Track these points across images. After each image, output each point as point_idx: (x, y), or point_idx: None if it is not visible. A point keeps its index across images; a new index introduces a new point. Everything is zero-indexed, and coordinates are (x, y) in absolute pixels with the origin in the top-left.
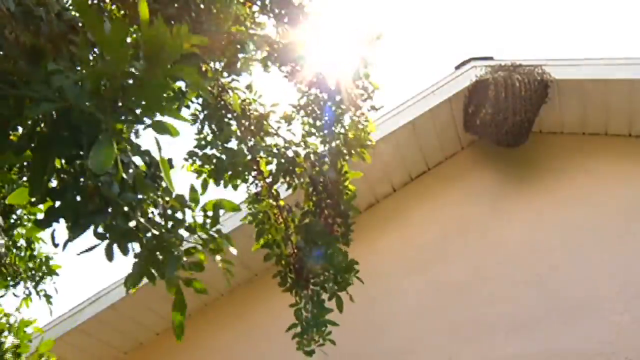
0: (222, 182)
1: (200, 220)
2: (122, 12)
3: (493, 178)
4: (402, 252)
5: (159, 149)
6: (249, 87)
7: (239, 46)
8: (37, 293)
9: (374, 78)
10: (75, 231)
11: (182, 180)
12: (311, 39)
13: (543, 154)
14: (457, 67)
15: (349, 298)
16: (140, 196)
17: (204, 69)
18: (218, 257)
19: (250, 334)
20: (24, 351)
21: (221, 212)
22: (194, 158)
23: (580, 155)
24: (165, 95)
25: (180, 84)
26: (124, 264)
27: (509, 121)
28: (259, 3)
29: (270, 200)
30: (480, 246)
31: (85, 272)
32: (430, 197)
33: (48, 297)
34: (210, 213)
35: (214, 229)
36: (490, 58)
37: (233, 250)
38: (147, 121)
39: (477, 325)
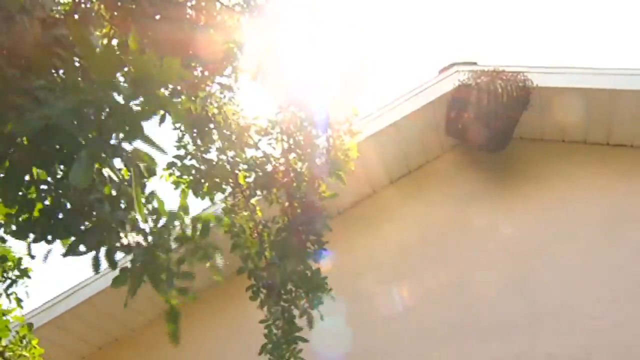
0: (200, 193)
1: (189, 231)
2: (110, 17)
3: (473, 182)
4: (380, 253)
5: (136, 178)
6: (232, 98)
7: (227, 54)
8: (8, 296)
9: (353, 99)
10: (68, 252)
11: (161, 189)
12: (296, 55)
13: (523, 160)
14: (441, 71)
15: (320, 317)
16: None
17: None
18: (207, 265)
19: (228, 331)
20: (4, 336)
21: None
22: (173, 169)
23: (560, 163)
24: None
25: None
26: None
27: (490, 126)
28: (247, 16)
29: (246, 213)
30: (459, 250)
31: (60, 266)
32: (410, 200)
33: (19, 301)
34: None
35: (203, 241)
36: (474, 63)
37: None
38: (127, 147)
39: (453, 328)
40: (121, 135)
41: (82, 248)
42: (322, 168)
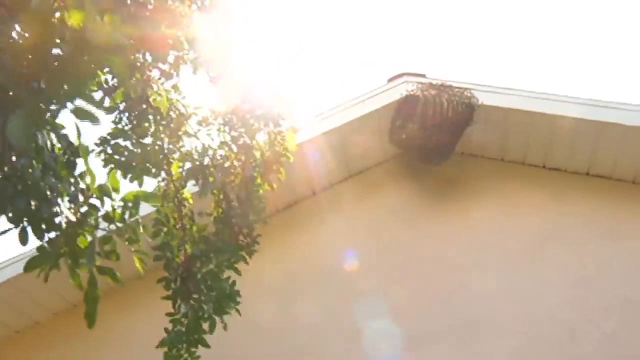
0: (129, 175)
1: (119, 210)
2: None
3: (412, 193)
4: (314, 255)
5: (79, 135)
6: (174, 86)
7: (171, 42)
8: None
9: (297, 98)
10: None
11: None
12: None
13: (462, 175)
14: (390, 80)
15: (223, 327)
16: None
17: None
18: (133, 248)
19: (150, 320)
20: None
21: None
22: (106, 146)
23: (498, 181)
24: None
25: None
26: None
27: (433, 139)
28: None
29: (173, 204)
30: (391, 258)
31: None
32: (348, 205)
33: None
34: (129, 204)
35: (132, 219)
36: (423, 75)
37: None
38: (69, 105)
39: (379, 335)
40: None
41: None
42: (260, 163)
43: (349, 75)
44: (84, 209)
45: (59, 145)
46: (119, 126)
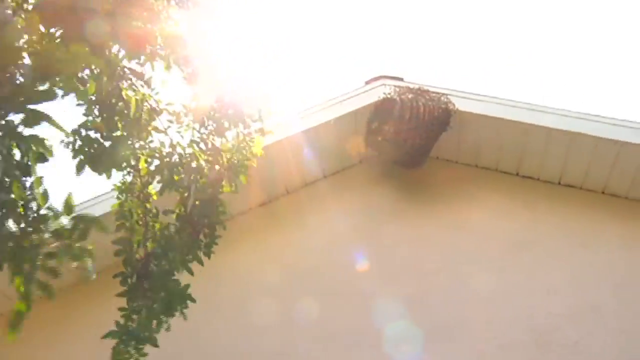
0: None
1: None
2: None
3: (385, 195)
4: (285, 255)
5: (34, 160)
6: (147, 81)
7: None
8: None
9: (271, 100)
10: None
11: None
12: (217, 47)
13: (436, 180)
14: (368, 82)
15: (166, 328)
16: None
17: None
18: (74, 264)
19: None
20: None
21: (96, 193)
22: (76, 137)
23: (471, 186)
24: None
25: None
26: None
27: (408, 143)
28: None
29: (138, 200)
30: (363, 260)
31: None
32: (320, 205)
33: None
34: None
35: (77, 244)
36: (401, 79)
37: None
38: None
39: (348, 336)
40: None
41: None
42: (226, 165)
43: (326, 76)
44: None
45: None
46: (90, 118)
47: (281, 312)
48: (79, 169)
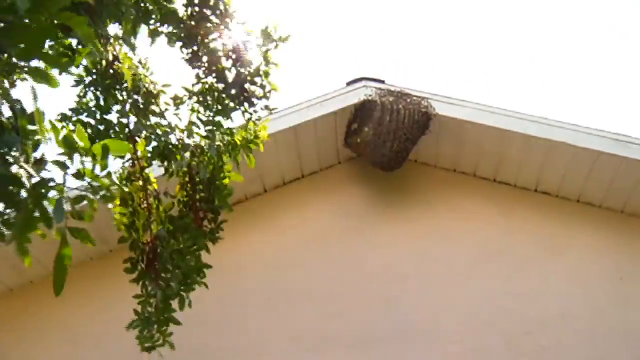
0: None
1: (88, 165)
2: None
3: (363, 197)
4: (261, 253)
5: (35, 98)
6: (142, 62)
7: (141, 15)
8: None
9: (274, 78)
10: None
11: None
12: (218, 28)
13: (414, 183)
14: (349, 84)
15: (188, 304)
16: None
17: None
18: (110, 205)
19: (94, 311)
20: None
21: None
22: (67, 122)
23: (448, 191)
24: (51, 44)
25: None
26: None
27: (387, 145)
28: None
29: (140, 183)
30: (338, 261)
31: None
32: (298, 205)
33: None
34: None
35: (103, 172)
36: (382, 81)
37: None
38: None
39: (322, 336)
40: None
41: None
42: (230, 147)
43: (307, 76)
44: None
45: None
46: (84, 100)
47: (254, 310)
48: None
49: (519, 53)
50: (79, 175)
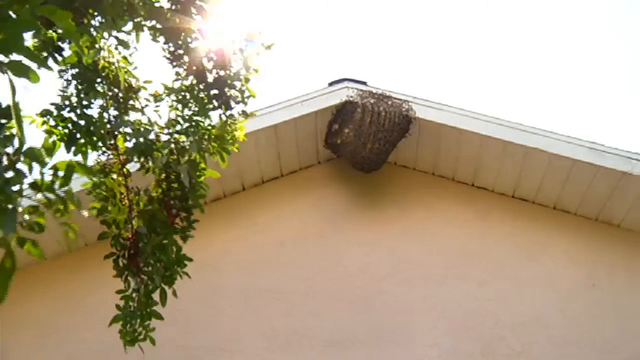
0: (72, 148)
1: (48, 178)
2: None
3: (341, 198)
4: (238, 251)
5: (13, 92)
6: (124, 58)
7: (125, 8)
8: None
9: (253, 84)
10: None
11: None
12: (202, 27)
13: (393, 185)
14: (331, 84)
15: (172, 293)
16: None
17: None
18: (62, 220)
19: (66, 305)
20: None
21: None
22: (48, 117)
23: (427, 194)
24: (34, 40)
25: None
26: None
27: (367, 147)
28: None
29: (120, 178)
30: (315, 260)
31: None
32: (277, 203)
33: None
34: (60, 173)
35: (63, 189)
36: (364, 83)
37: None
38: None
39: (297, 336)
40: None
41: None
42: (206, 144)
43: (288, 75)
44: (9, 174)
45: None
46: (66, 94)
47: (229, 308)
48: (52, 150)
49: (502, 59)
50: (35, 186)
